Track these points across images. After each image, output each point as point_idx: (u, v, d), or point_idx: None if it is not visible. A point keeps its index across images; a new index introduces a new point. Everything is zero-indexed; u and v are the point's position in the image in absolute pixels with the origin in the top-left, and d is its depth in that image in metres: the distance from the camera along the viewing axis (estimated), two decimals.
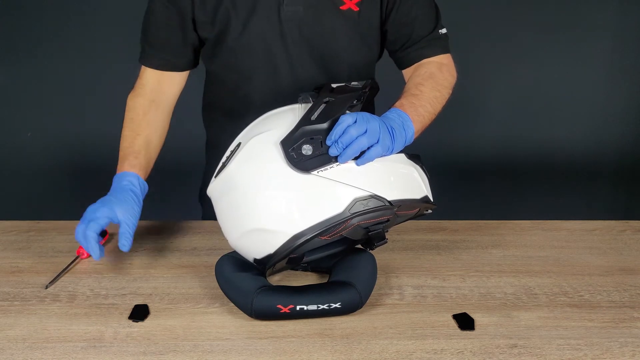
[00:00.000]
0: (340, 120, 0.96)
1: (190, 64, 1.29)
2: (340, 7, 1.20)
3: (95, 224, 1.09)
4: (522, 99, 2.69)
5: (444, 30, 1.28)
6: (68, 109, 2.62)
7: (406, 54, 1.28)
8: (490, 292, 1.04)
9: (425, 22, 1.26)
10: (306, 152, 0.95)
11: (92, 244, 1.08)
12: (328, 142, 0.95)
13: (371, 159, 0.97)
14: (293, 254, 0.96)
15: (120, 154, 1.22)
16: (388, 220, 0.99)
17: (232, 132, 1.04)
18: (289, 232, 0.93)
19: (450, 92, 1.25)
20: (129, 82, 1.30)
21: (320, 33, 1.21)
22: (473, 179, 2.76)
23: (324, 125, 0.97)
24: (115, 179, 1.18)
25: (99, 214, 1.10)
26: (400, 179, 1.01)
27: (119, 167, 1.20)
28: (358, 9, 1.21)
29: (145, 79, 1.28)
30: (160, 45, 1.25)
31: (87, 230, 1.08)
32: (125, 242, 1.09)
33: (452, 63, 1.29)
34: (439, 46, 1.28)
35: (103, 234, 1.22)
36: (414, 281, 1.08)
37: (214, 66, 1.30)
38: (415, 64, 1.28)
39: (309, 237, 0.93)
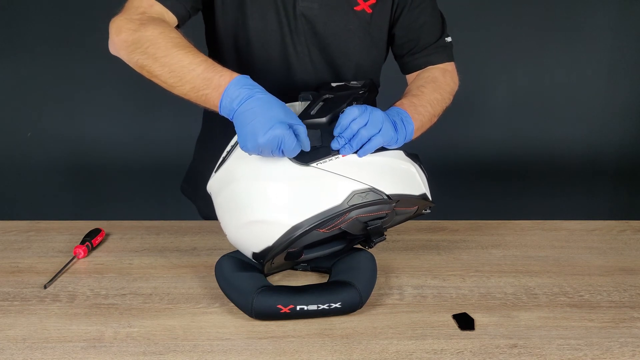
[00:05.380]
0: (346, 113, 0.96)
1: (184, 21, 1.17)
2: (355, 8, 1.22)
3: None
4: (522, 99, 2.69)
5: (449, 39, 1.31)
6: (68, 108, 2.62)
7: (412, 60, 1.30)
8: (490, 292, 1.04)
9: (432, 29, 1.28)
10: None
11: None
12: (335, 134, 0.96)
13: (372, 150, 0.98)
14: (291, 248, 0.96)
15: (199, 69, 0.97)
16: (386, 215, 0.99)
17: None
18: (287, 224, 0.93)
19: (452, 98, 1.26)
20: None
21: (334, 31, 1.22)
22: (473, 179, 2.77)
23: (323, 119, 0.98)
24: (237, 86, 0.94)
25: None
26: (399, 174, 1.01)
27: (214, 82, 0.95)
28: (371, 10, 1.23)
29: (152, 13, 1.10)
30: None
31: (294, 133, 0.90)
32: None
33: (455, 71, 1.31)
34: (444, 54, 1.30)
35: (97, 232, 1.22)
36: (414, 281, 1.08)
37: (226, 55, 1.25)
38: (420, 70, 1.30)
39: (306, 229, 0.93)
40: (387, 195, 0.97)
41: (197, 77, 0.97)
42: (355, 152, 0.98)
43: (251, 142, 0.89)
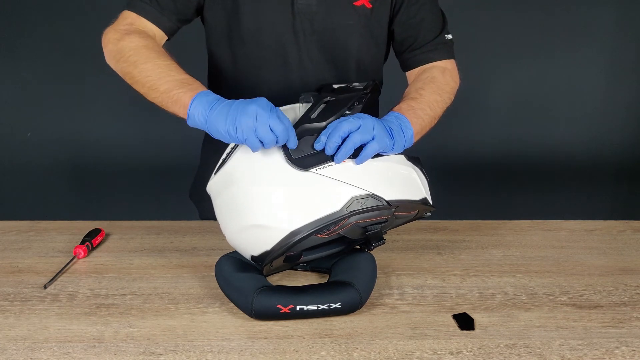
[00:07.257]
0: (335, 121, 0.97)
1: (173, 32, 1.22)
2: (354, 3, 1.21)
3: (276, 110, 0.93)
4: (522, 99, 2.69)
5: (449, 36, 1.30)
6: (68, 109, 2.62)
7: (412, 56, 1.30)
8: (490, 292, 1.04)
9: (432, 26, 1.28)
10: (305, 149, 0.95)
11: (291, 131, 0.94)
12: (321, 140, 0.96)
13: (368, 157, 0.97)
14: (290, 252, 0.96)
15: (171, 81, 1.02)
16: (386, 221, 0.99)
17: None
18: (286, 229, 0.94)
19: (452, 97, 1.25)
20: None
21: (332, 28, 1.22)
22: (473, 179, 2.77)
23: (323, 124, 0.97)
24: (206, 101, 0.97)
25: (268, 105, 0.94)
26: (399, 180, 1.01)
27: (183, 96, 0.99)
28: (371, 6, 1.22)
29: (138, 25, 1.16)
30: (166, 4, 1.18)
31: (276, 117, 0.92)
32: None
33: (456, 69, 1.31)
34: (444, 51, 1.29)
35: (97, 232, 1.22)
36: (414, 281, 1.08)
37: (222, 55, 1.27)
38: (420, 68, 1.29)
39: (305, 235, 0.93)
40: (387, 201, 0.97)
41: (173, 80, 1.01)
42: (353, 159, 0.97)
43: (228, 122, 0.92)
